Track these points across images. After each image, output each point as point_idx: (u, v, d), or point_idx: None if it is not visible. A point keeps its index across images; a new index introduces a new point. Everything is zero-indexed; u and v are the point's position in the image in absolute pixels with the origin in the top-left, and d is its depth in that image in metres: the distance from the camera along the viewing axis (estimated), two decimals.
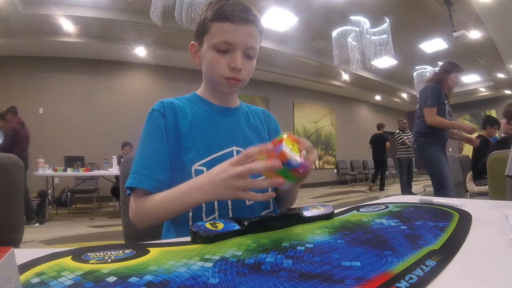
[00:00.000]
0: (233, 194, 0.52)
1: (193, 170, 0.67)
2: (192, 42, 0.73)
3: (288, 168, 0.49)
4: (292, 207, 0.78)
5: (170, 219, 0.68)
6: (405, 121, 5.77)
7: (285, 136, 0.52)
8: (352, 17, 5.19)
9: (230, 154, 0.71)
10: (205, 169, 0.67)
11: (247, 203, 0.71)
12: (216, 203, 0.67)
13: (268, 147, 0.50)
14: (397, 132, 5.73)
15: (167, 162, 0.67)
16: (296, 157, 0.50)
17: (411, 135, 5.25)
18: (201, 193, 0.56)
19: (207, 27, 0.67)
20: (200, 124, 0.71)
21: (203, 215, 0.66)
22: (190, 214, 0.66)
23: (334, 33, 5.61)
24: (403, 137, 5.51)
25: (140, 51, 5.90)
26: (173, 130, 0.69)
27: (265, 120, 0.83)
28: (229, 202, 0.68)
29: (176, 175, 0.67)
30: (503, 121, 2.79)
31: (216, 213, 0.67)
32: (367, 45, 5.40)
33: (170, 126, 0.69)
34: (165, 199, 0.60)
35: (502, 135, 2.89)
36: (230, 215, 0.68)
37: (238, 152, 0.72)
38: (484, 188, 2.58)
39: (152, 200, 0.62)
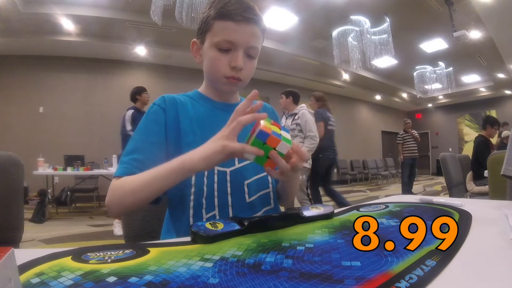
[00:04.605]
0: (222, 146, 0.50)
1: None
2: (194, 39, 0.73)
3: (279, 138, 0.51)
4: (292, 207, 0.77)
5: (153, 196, 0.59)
6: (409, 121, 5.78)
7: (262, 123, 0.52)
8: (353, 17, 5.18)
9: None
10: None
11: (247, 199, 0.70)
12: (216, 199, 0.67)
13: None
14: (401, 132, 5.75)
15: (162, 157, 0.66)
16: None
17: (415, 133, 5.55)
18: (193, 159, 0.53)
19: (210, 25, 0.67)
20: (201, 120, 0.71)
21: (203, 211, 0.66)
22: (191, 211, 0.66)
23: (334, 33, 5.60)
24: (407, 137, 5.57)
25: (140, 50, 5.89)
26: (174, 124, 0.69)
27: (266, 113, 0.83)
28: (229, 199, 0.68)
29: None
30: None
31: (216, 209, 0.67)
32: (367, 44, 5.39)
33: (171, 121, 0.69)
34: (154, 170, 0.57)
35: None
36: (230, 212, 0.68)
37: None
38: (484, 188, 2.58)
39: (137, 175, 0.60)
